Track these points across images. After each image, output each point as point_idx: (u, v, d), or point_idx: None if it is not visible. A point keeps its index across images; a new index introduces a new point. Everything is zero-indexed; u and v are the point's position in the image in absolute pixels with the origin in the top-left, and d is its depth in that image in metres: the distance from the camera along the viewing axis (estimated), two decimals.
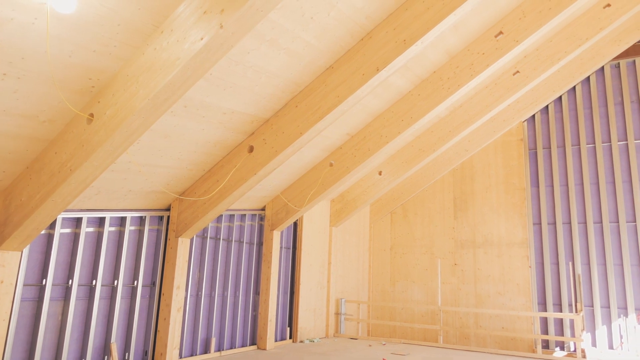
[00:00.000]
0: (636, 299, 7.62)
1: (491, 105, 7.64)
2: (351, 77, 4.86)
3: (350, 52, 4.91)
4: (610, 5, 6.98)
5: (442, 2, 4.38)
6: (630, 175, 7.97)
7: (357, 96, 4.94)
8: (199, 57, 3.18)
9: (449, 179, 9.56)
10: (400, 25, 4.61)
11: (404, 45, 4.56)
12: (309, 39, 4.43)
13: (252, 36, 4.08)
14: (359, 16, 4.48)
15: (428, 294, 9.31)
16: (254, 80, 4.63)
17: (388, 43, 4.69)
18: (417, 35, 4.48)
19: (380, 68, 4.68)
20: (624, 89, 8.25)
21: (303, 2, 4.00)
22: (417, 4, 4.53)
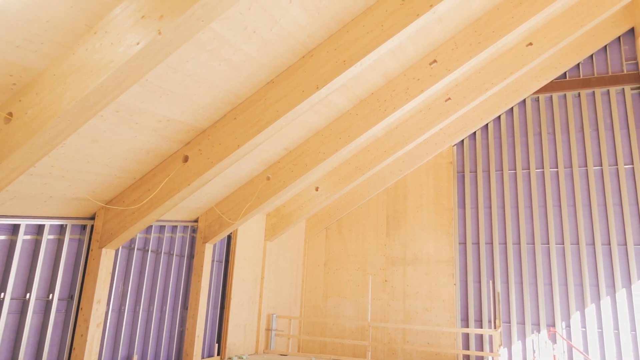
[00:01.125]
0: (548, 315, 8.21)
1: (424, 129, 8.01)
2: (291, 92, 4.91)
3: (292, 69, 4.97)
4: (532, 44, 7.62)
5: (381, 28, 4.57)
6: (545, 201, 8.64)
7: (297, 112, 4.99)
8: (134, 62, 3.08)
9: (383, 197, 9.85)
10: (341, 46, 4.74)
11: (343, 65, 4.69)
12: (250, 52, 4.43)
13: (192, 44, 4.02)
14: (302, 34, 4.56)
15: (359, 309, 9.46)
16: (192, 89, 4.54)
17: (329, 62, 4.80)
18: (356, 57, 4.63)
19: (320, 86, 4.77)
20: (542, 121, 8.99)
21: (246, 16, 4.00)
22: (358, 27, 4.69)
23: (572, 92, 8.91)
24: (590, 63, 8.92)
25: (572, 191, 8.55)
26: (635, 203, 8.15)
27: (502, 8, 5.99)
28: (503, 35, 6.02)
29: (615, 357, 7.70)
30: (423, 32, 5.74)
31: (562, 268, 8.32)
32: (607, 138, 8.55)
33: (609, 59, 8.81)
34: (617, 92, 8.68)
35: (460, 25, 6.02)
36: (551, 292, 8.28)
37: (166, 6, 2.97)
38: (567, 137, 8.79)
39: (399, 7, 4.52)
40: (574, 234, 8.37)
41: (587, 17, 7.35)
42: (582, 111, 8.79)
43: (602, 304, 7.96)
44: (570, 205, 8.50)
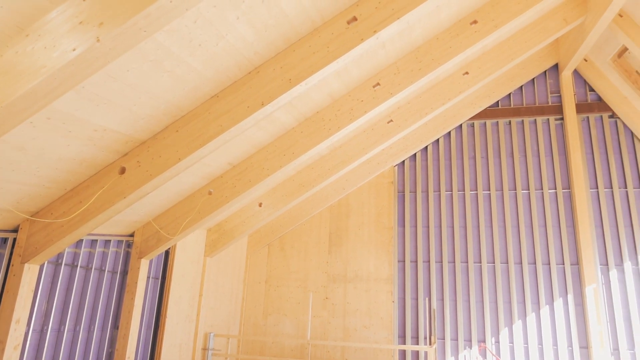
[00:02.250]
0: (479, 332, 8.57)
1: (367, 149, 8.22)
2: (236, 108, 4.89)
3: (237, 84, 4.96)
4: (468, 73, 8.10)
5: (327, 50, 4.68)
6: (478, 221, 9.09)
7: (241, 127, 4.97)
8: (69, 69, 2.95)
9: (326, 215, 9.93)
10: (287, 64, 4.80)
11: (289, 83, 4.75)
12: (195, 65, 4.38)
13: (134, 54, 3.91)
14: (248, 51, 4.57)
15: (299, 327, 9.40)
16: (133, 99, 4.40)
17: (275, 80, 4.84)
18: (302, 76, 4.70)
19: (265, 103, 4.79)
20: (476, 145, 9.51)
21: (192, 29, 3.96)
22: (305, 47, 4.78)
23: (503, 119, 9.51)
24: (520, 94, 9.59)
25: (502, 213, 9.07)
26: (557, 225, 8.77)
27: (441, 38, 6.34)
28: (441, 64, 6.36)
29: None
30: (367, 56, 5.94)
31: (493, 286, 8.74)
32: (534, 164, 9.18)
33: (536, 91, 9.52)
34: (543, 121, 9.38)
35: (402, 51, 6.29)
36: (482, 309, 8.67)
37: (107, 14, 2.88)
38: (499, 161, 9.35)
39: (344, 31, 4.66)
40: (503, 253, 8.85)
41: (517, 52, 7.93)
42: (512, 138, 9.40)
43: (528, 320, 8.43)
44: (501, 226, 9.00)
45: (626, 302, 8.18)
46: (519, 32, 7.93)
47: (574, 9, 7.76)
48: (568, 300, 8.37)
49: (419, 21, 5.86)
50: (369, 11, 4.61)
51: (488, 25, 6.25)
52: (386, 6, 4.58)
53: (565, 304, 8.38)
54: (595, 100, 9.25)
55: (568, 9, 7.79)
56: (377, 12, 4.60)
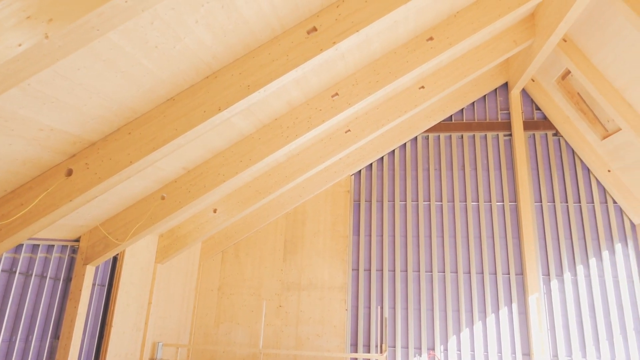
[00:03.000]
0: (429, 339, 8.77)
1: (324, 157, 8.28)
2: (192, 112, 4.81)
3: (194, 88, 4.88)
4: (424, 87, 8.35)
5: (287, 58, 4.70)
6: (430, 231, 9.34)
7: (197, 132, 4.89)
8: (13, 65, 2.81)
9: (282, 222, 9.90)
10: (246, 70, 4.78)
11: (247, 90, 4.72)
12: (150, 67, 4.28)
13: (86, 52, 3.78)
14: (206, 55, 4.52)
15: (252, 336, 9.28)
16: (83, 99, 4.24)
17: (233, 85, 4.80)
18: (260, 83, 4.69)
19: (222, 108, 4.74)
20: (430, 157, 9.79)
21: (148, 30, 3.88)
22: (264, 54, 4.78)
23: (456, 133, 9.86)
24: (472, 109, 9.98)
25: (453, 223, 9.36)
26: (504, 236, 9.15)
27: (398, 52, 6.51)
28: (398, 77, 6.53)
29: None
30: (326, 66, 6.01)
31: (443, 294, 8.99)
32: (484, 177, 9.56)
33: (487, 108, 9.94)
34: (493, 137, 9.79)
35: (361, 63, 6.41)
36: (432, 317, 8.89)
37: (57, 10, 2.77)
38: (451, 173, 9.66)
39: (304, 40, 4.70)
40: (453, 263, 9.13)
41: (470, 69, 8.26)
42: (464, 151, 9.75)
43: (475, 328, 8.71)
44: (451, 236, 9.29)
45: (565, 311, 8.63)
46: (472, 51, 8.27)
47: (523, 32, 8.19)
48: (513, 309, 8.73)
49: (378, 35, 6.00)
50: (328, 22, 4.68)
51: (443, 42, 6.48)
52: (346, 19, 4.66)
53: (510, 313, 8.73)
54: (541, 118, 9.76)
55: (518, 31, 8.21)
56: (337, 24, 4.68)
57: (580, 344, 8.43)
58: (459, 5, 6.36)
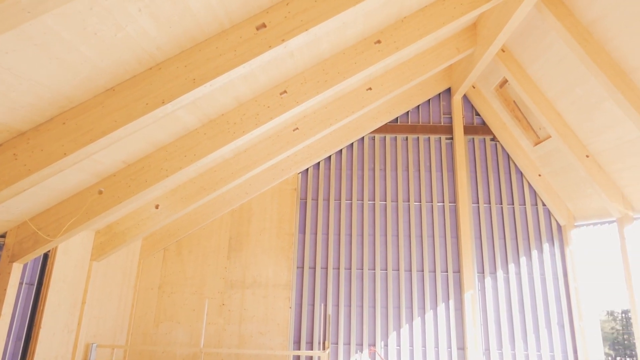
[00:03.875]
0: (370, 336, 8.97)
1: (272, 155, 8.24)
2: (134, 103, 4.62)
3: (137, 79, 4.70)
4: (371, 89, 8.51)
5: (234, 53, 4.64)
6: (375, 230, 9.55)
7: (138, 124, 4.71)
8: None
9: (227, 219, 9.75)
10: (192, 64, 4.66)
11: (193, 83, 4.61)
12: (89, 54, 4.07)
13: (16, 35, 3.53)
14: (150, 45, 4.36)
15: (193, 335, 9.07)
16: (12, 85, 3.96)
17: (177, 78, 4.67)
18: (207, 77, 4.59)
19: (166, 101, 4.60)
20: (376, 158, 10.01)
21: (87, 16, 3.69)
22: (211, 48, 4.68)
23: (401, 135, 10.14)
24: (417, 112, 10.30)
25: (396, 223, 9.63)
26: (443, 236, 9.53)
27: (347, 53, 6.60)
28: (347, 78, 6.62)
29: None
30: (275, 63, 5.99)
31: (385, 292, 9.22)
32: (426, 178, 9.90)
33: (431, 111, 10.29)
34: (436, 140, 10.16)
35: (310, 62, 6.44)
36: (374, 314, 9.10)
37: None
38: (396, 174, 9.93)
39: (252, 36, 4.65)
40: (395, 261, 9.39)
41: (415, 73, 8.52)
42: (408, 153, 10.05)
43: (414, 324, 9.02)
44: (394, 235, 9.55)
45: (497, 307, 9.12)
46: (418, 56, 8.53)
47: (465, 40, 8.55)
48: (450, 305, 9.11)
49: (327, 35, 6.05)
50: (278, 20, 4.66)
51: (390, 46, 6.64)
52: (295, 17, 4.67)
53: (447, 309, 9.11)
54: (480, 124, 10.25)
55: (460, 39, 8.56)
56: (286, 22, 4.67)
57: (510, 337, 8.95)
58: (406, 11, 6.53)
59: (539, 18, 7.30)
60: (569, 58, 7.29)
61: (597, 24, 6.37)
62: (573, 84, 7.53)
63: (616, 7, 5.98)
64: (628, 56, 6.27)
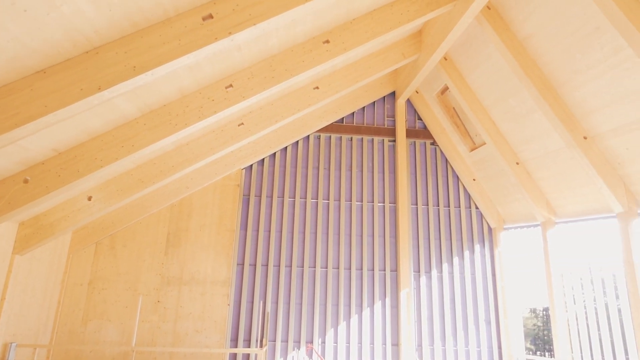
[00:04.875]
0: (308, 333, 9.04)
1: (215, 149, 8.07)
2: (67, 88, 4.36)
3: (71, 62, 4.43)
4: (318, 88, 8.56)
5: (179, 43, 4.49)
6: (316, 228, 9.63)
7: (71, 110, 4.44)
8: None
9: (165, 214, 9.44)
10: (132, 50, 4.47)
11: (133, 71, 4.42)
12: (17, 32, 3.79)
13: None
14: (87, 27, 4.13)
15: (124, 333, 8.70)
16: None
17: (117, 65, 4.45)
18: (149, 65, 4.42)
19: (103, 88, 4.38)
20: (321, 157, 10.08)
21: None
22: (154, 35, 4.51)
23: (346, 135, 10.28)
24: (362, 114, 10.49)
25: (338, 221, 9.76)
26: (383, 235, 9.78)
27: (295, 51, 6.60)
28: (294, 75, 6.62)
29: None
30: (222, 56, 5.87)
31: (324, 289, 9.33)
32: (368, 179, 10.11)
33: (376, 114, 10.52)
34: (379, 141, 10.40)
35: (258, 57, 6.37)
36: (313, 311, 9.17)
37: None
38: (339, 173, 10.06)
39: (198, 27, 4.53)
40: (336, 259, 9.52)
41: (362, 75, 8.67)
42: (352, 153, 10.21)
43: (352, 321, 9.19)
44: (335, 233, 9.67)
45: (430, 305, 9.50)
46: (365, 58, 8.69)
47: (411, 46, 8.81)
48: (386, 303, 9.37)
49: (276, 31, 6.01)
50: (225, 12, 4.57)
51: (338, 47, 6.72)
52: (244, 10, 4.60)
53: (384, 307, 9.37)
54: (422, 128, 10.61)
55: (406, 45, 8.81)
56: (234, 14, 4.59)
57: (441, 333, 9.35)
58: (354, 13, 6.63)
59: (480, 30, 7.67)
60: (505, 70, 7.72)
61: (531, 39, 6.79)
62: (507, 95, 7.99)
63: (547, 25, 6.41)
64: (556, 72, 6.74)
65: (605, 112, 6.42)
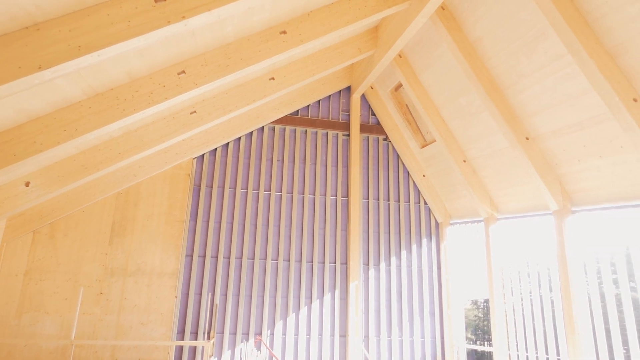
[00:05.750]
0: (257, 325, 9.01)
1: (166, 137, 7.83)
2: (3, 65, 4.08)
3: (9, 38, 4.14)
4: (274, 79, 8.49)
5: (128, 24, 4.31)
6: (268, 220, 9.59)
7: (8, 89, 4.16)
8: None
9: (111, 202, 9.07)
10: (77, 29, 4.23)
11: (78, 51, 4.19)
12: None
13: None
14: (27, 1, 3.87)
15: (63, 326, 8.31)
16: None
17: (59, 43, 4.21)
18: (95, 46, 4.21)
19: (43, 67, 4.12)
20: (275, 148, 10.03)
21: None
22: (102, 14, 4.30)
23: (301, 128, 10.27)
24: (318, 107, 10.51)
25: (290, 214, 9.76)
26: (334, 228, 9.88)
27: (251, 40, 6.50)
28: (250, 64, 6.52)
29: (304, 358, 9.02)
30: (174, 40, 5.68)
31: (274, 282, 9.32)
32: (321, 172, 10.17)
33: (331, 107, 10.58)
34: (333, 135, 10.47)
35: (212, 44, 6.23)
36: (262, 303, 9.15)
37: None
38: (293, 166, 10.04)
39: (150, 8, 4.36)
40: (287, 251, 9.53)
41: (318, 68, 8.68)
42: (306, 146, 10.22)
43: (301, 313, 9.25)
44: (287, 226, 9.67)
45: (378, 297, 9.72)
46: (322, 51, 8.70)
47: (367, 42, 8.91)
48: (335, 295, 9.50)
49: (232, 18, 5.89)
50: None
51: (295, 38, 6.68)
52: None
53: (333, 298, 9.49)
54: (375, 123, 10.78)
55: (363, 40, 8.90)
56: None
57: (387, 325, 9.60)
58: (313, 5, 6.61)
59: (434, 30, 7.86)
60: (456, 70, 7.97)
61: (481, 41, 7.05)
62: (457, 94, 8.26)
63: (496, 29, 6.68)
64: (503, 74, 7.04)
65: (546, 115, 6.78)
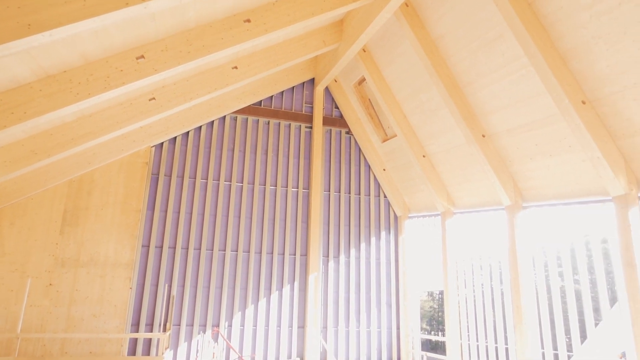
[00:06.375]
0: (215, 317, 8.92)
1: (122, 123, 7.57)
2: None
3: None
4: (237, 68, 8.36)
5: (83, 3, 4.12)
6: (228, 211, 9.47)
7: None
8: None
9: (62, 190, 8.69)
10: (27, 6, 4.01)
11: (27, 30, 3.98)
12: None
13: None
14: None
15: (9, 319, 7.93)
16: None
17: (8, 20, 3.98)
18: (46, 25, 4.00)
19: None
20: (236, 139, 9.90)
21: None
22: None
23: (264, 119, 10.18)
24: (281, 98, 10.45)
25: (250, 205, 9.68)
26: (295, 220, 9.89)
27: (214, 27, 6.36)
28: (212, 52, 6.39)
29: (262, 349, 9.02)
30: (134, 23, 5.48)
31: (233, 273, 9.24)
32: (283, 163, 10.13)
33: (294, 99, 10.53)
34: (296, 127, 10.44)
35: (173, 29, 6.05)
36: (221, 295, 9.06)
37: None
38: (255, 157, 9.95)
39: None
40: (247, 242, 9.46)
41: (282, 59, 8.61)
42: (269, 137, 10.15)
43: (260, 305, 9.23)
44: (248, 217, 9.60)
45: (337, 288, 9.83)
46: (287, 42, 8.63)
47: (332, 35, 8.91)
48: (295, 287, 9.53)
49: (194, 3, 5.74)
50: None
51: (259, 27, 6.59)
52: None
53: (292, 290, 9.52)
54: (338, 116, 10.83)
55: (328, 33, 8.89)
56: None
57: (345, 316, 9.74)
58: None
59: (397, 26, 7.96)
60: (418, 66, 8.12)
61: (443, 39, 7.20)
62: (419, 90, 8.42)
63: (457, 28, 6.84)
64: (463, 73, 7.23)
65: (502, 114, 7.03)
